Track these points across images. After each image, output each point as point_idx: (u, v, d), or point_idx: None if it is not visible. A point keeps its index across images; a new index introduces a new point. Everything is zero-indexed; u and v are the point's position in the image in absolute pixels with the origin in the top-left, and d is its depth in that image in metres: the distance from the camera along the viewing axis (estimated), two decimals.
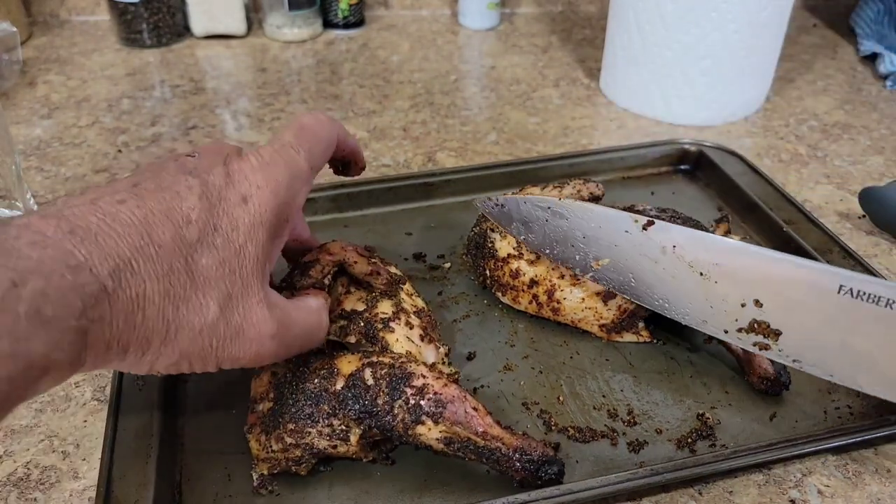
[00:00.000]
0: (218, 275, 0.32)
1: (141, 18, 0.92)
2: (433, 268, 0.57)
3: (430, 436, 0.38)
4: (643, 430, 0.44)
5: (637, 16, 0.75)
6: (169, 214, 0.30)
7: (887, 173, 0.71)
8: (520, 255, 0.51)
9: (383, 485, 0.41)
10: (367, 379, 0.39)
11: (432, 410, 0.38)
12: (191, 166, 0.33)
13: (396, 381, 0.39)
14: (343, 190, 0.62)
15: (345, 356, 0.41)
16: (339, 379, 0.39)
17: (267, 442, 0.39)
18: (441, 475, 0.41)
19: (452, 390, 0.39)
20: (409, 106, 0.82)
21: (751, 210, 0.62)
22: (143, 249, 0.29)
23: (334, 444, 0.39)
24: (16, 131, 0.75)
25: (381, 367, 0.40)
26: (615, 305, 0.49)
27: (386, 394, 0.38)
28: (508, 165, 0.66)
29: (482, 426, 0.38)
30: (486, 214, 0.52)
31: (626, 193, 0.66)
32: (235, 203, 0.33)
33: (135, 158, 0.71)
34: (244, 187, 0.34)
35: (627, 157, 0.69)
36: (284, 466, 0.39)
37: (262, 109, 0.81)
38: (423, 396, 0.38)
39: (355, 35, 1.00)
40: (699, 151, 0.69)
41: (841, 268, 0.42)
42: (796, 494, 0.41)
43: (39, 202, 0.64)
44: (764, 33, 0.73)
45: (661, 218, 0.54)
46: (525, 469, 0.38)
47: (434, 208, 0.64)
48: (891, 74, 0.88)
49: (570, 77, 0.89)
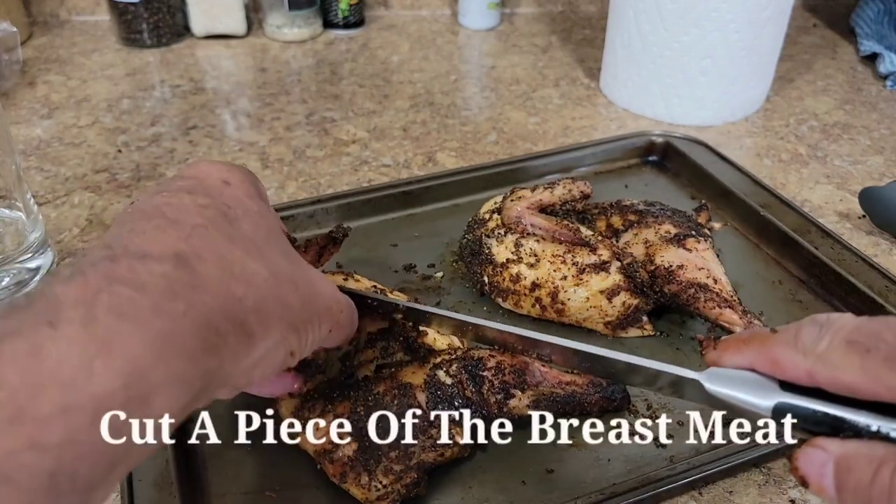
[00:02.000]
0: (263, 234, 0.32)
1: (141, 18, 0.92)
2: (426, 278, 0.56)
3: (521, 405, 0.41)
4: (665, 424, 0.44)
5: (637, 16, 0.75)
6: (188, 210, 0.30)
7: (887, 173, 0.71)
8: (519, 259, 0.51)
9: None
10: (445, 379, 0.40)
11: (517, 381, 0.41)
12: (154, 190, 0.32)
13: (472, 369, 0.41)
14: (319, 206, 0.61)
15: (403, 371, 0.41)
16: (416, 391, 0.40)
17: (372, 481, 0.38)
18: (477, 492, 0.41)
19: (519, 359, 0.42)
20: (409, 106, 0.82)
21: (724, 196, 0.64)
22: (191, 233, 0.28)
23: (441, 451, 0.39)
24: (16, 131, 0.75)
25: (449, 364, 0.41)
26: (619, 302, 0.49)
27: (470, 385, 0.40)
28: (484, 168, 0.67)
29: (556, 377, 0.42)
30: None
31: (600, 187, 0.66)
32: (221, 188, 0.32)
33: (135, 158, 0.71)
34: (214, 176, 0.33)
35: (598, 151, 0.70)
36: (404, 494, 0.38)
37: (262, 109, 0.81)
38: (504, 373, 0.41)
39: (355, 35, 1.00)
40: (666, 142, 0.71)
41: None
42: (796, 494, 0.41)
43: (39, 202, 0.64)
44: (764, 33, 0.73)
45: (651, 211, 0.54)
46: (602, 398, 0.43)
47: (415, 216, 0.63)
48: (891, 74, 0.88)
49: (570, 77, 0.89)
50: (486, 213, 0.55)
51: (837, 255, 0.56)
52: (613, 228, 0.55)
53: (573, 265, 0.49)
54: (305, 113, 0.80)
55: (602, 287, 0.49)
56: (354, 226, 0.61)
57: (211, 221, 0.29)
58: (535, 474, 0.41)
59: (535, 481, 0.41)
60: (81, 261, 0.26)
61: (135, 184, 0.68)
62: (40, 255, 0.56)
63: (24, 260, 0.54)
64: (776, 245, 0.59)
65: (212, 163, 0.34)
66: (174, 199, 0.30)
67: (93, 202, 0.65)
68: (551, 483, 0.41)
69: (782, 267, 0.57)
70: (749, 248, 0.60)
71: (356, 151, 0.73)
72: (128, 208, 0.32)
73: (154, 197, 0.31)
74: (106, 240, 0.28)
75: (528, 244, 0.51)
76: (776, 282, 0.56)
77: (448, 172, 0.66)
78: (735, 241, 0.60)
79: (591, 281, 0.49)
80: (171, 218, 0.29)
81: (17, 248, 0.54)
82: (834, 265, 0.54)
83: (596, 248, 0.50)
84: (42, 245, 0.56)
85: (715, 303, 0.48)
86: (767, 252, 0.59)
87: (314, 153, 0.73)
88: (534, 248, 0.50)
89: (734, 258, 0.58)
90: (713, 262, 0.51)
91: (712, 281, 0.49)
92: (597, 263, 0.49)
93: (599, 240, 0.51)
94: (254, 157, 0.72)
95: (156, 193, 0.31)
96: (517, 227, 0.52)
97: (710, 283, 0.49)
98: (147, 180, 0.68)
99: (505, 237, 0.52)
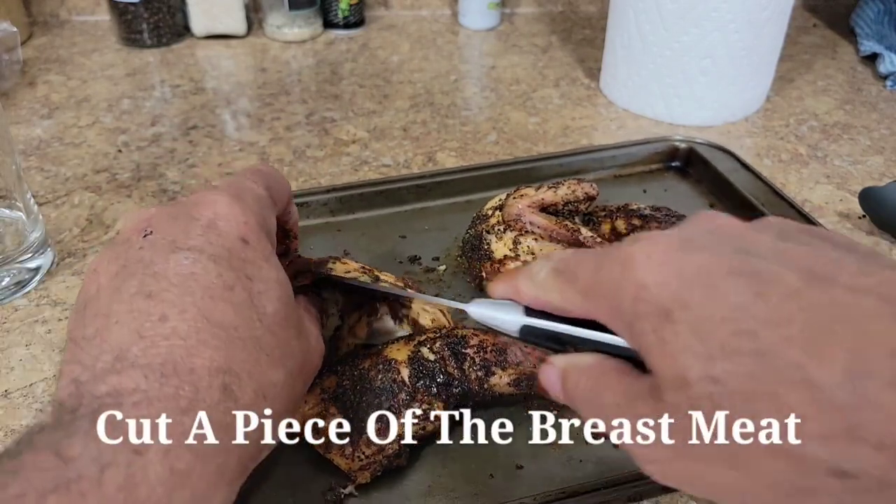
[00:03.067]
0: (284, 313, 0.31)
1: (141, 18, 0.92)
2: (429, 270, 0.57)
3: (502, 383, 0.42)
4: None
5: (637, 16, 0.75)
6: (211, 295, 0.27)
7: (887, 173, 0.71)
8: (516, 255, 0.51)
9: (390, 492, 0.40)
10: (428, 356, 0.41)
11: (497, 359, 0.42)
12: (167, 242, 0.29)
13: (455, 346, 0.42)
14: (334, 194, 0.62)
15: (389, 347, 0.43)
16: (400, 366, 0.41)
17: (356, 452, 0.39)
18: (445, 481, 0.41)
19: (500, 337, 0.42)
20: (409, 106, 0.82)
21: (743, 207, 0.62)
22: (230, 344, 0.27)
23: (422, 425, 0.40)
24: (16, 131, 0.75)
25: (433, 340, 0.42)
26: None
27: (452, 361, 0.42)
28: (500, 166, 0.66)
29: (539, 357, 0.42)
30: None
31: (618, 191, 0.66)
32: (241, 248, 0.30)
33: (135, 158, 0.71)
34: (234, 228, 0.30)
35: (619, 155, 0.69)
36: (386, 465, 0.40)
37: (262, 109, 0.81)
38: (485, 350, 0.42)
39: (355, 35, 1.00)
40: (689, 148, 0.70)
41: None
42: None
43: (39, 202, 0.64)
44: (764, 33, 0.73)
45: (656, 216, 0.54)
46: None
47: (427, 210, 0.63)
48: (891, 74, 0.88)
49: (570, 77, 0.89)
50: (489, 210, 0.55)
51: None
52: (617, 232, 0.55)
53: None
54: (305, 113, 0.80)
55: None
56: (366, 216, 0.63)
57: (243, 318, 0.28)
58: (504, 469, 0.42)
59: (503, 476, 0.41)
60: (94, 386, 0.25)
61: (135, 184, 0.68)
62: (40, 255, 0.56)
63: (24, 260, 0.54)
64: None
65: (228, 201, 0.31)
66: (198, 266, 0.28)
67: (93, 202, 0.65)
68: (519, 479, 0.41)
69: None
70: None
71: (356, 151, 0.73)
72: (141, 244, 0.29)
73: (174, 257, 0.28)
74: (117, 337, 0.26)
75: (525, 242, 0.51)
76: None
77: (463, 168, 0.66)
78: None
79: None
80: (205, 313, 0.27)
81: (17, 248, 0.54)
82: None
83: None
84: (42, 245, 0.56)
85: None
86: None
87: (314, 153, 0.73)
88: (531, 246, 0.51)
89: None
90: None
91: None
92: None
93: (598, 241, 0.51)
94: (254, 157, 0.72)
95: (173, 247, 0.28)
96: (517, 224, 0.52)
97: None
98: (147, 180, 0.68)
99: (504, 234, 0.52)
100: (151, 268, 0.28)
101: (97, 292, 0.28)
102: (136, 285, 0.27)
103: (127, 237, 0.30)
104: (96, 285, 0.28)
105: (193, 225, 0.30)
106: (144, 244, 0.29)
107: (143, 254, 0.29)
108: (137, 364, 0.25)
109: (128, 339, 0.26)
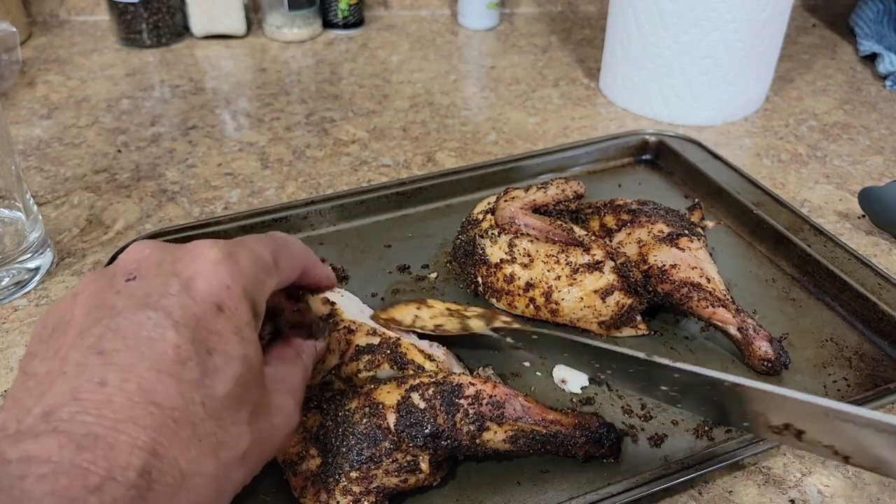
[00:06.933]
0: (238, 394, 0.29)
1: (140, 18, 0.92)
2: (420, 279, 0.56)
3: (496, 439, 0.39)
4: (660, 424, 0.44)
5: (637, 16, 0.75)
6: (159, 368, 0.26)
7: (887, 173, 0.71)
8: (513, 259, 0.51)
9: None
10: (418, 403, 0.38)
11: (493, 414, 0.38)
12: (142, 295, 0.28)
13: (448, 395, 0.39)
14: (313, 207, 0.61)
15: (379, 389, 0.40)
16: (387, 412, 0.38)
17: (330, 499, 0.37)
18: (472, 493, 0.40)
19: (502, 389, 0.40)
20: (409, 106, 0.82)
21: (717, 195, 0.64)
22: (162, 425, 0.26)
23: (404, 478, 0.38)
24: (16, 131, 0.75)
25: (426, 387, 0.39)
26: (613, 302, 0.49)
27: (443, 411, 0.38)
28: (477, 169, 0.67)
29: (539, 414, 0.39)
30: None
31: (594, 187, 0.66)
32: (212, 316, 0.29)
33: (134, 158, 0.71)
34: (211, 292, 0.29)
35: (591, 151, 0.70)
36: None
37: (261, 109, 0.81)
38: (481, 403, 0.39)
39: (355, 35, 1.00)
40: (659, 141, 0.71)
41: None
42: (796, 494, 0.41)
43: (39, 202, 0.64)
44: (764, 33, 0.73)
45: (644, 210, 0.55)
46: (588, 442, 0.40)
47: (408, 217, 0.63)
48: (890, 74, 0.88)
49: (570, 77, 0.89)
50: (479, 214, 0.55)
51: (830, 252, 0.56)
52: (607, 228, 0.56)
53: (567, 265, 0.49)
54: (305, 113, 0.80)
55: (596, 287, 0.49)
56: (347, 227, 0.62)
57: (185, 399, 0.27)
58: (529, 475, 0.41)
59: (529, 482, 0.41)
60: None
61: (134, 184, 0.68)
62: (40, 255, 0.56)
63: (23, 260, 0.54)
64: (769, 243, 0.59)
65: (215, 260, 0.30)
66: (158, 332, 0.27)
67: (93, 202, 0.65)
68: (546, 483, 0.41)
69: (775, 265, 0.58)
70: (742, 246, 0.60)
71: (356, 151, 0.73)
72: (118, 289, 0.29)
73: (140, 316, 0.27)
74: (56, 391, 0.25)
75: (521, 244, 0.51)
76: (769, 280, 0.56)
77: (441, 173, 0.66)
78: (728, 239, 0.61)
79: (585, 281, 0.49)
80: (146, 386, 0.26)
81: (17, 248, 0.54)
82: (827, 263, 0.55)
83: (589, 248, 0.50)
84: (42, 245, 0.56)
85: (708, 302, 0.48)
86: (760, 250, 0.59)
87: (314, 153, 0.73)
88: (527, 249, 0.50)
89: (727, 256, 0.58)
90: (706, 261, 0.51)
91: (705, 280, 0.49)
92: (590, 263, 0.49)
93: (593, 239, 0.51)
94: (253, 157, 0.72)
95: (133, 309, 0.28)
96: (511, 227, 0.52)
97: (703, 282, 0.49)
98: (146, 180, 0.68)
99: (498, 238, 0.52)
100: (116, 319, 0.28)
101: (69, 322, 0.28)
102: (96, 336, 0.27)
103: (113, 274, 0.30)
104: (71, 313, 0.29)
105: (172, 282, 0.29)
106: (122, 290, 0.29)
107: (117, 301, 0.28)
108: (60, 429, 0.24)
109: (63, 397, 0.25)
